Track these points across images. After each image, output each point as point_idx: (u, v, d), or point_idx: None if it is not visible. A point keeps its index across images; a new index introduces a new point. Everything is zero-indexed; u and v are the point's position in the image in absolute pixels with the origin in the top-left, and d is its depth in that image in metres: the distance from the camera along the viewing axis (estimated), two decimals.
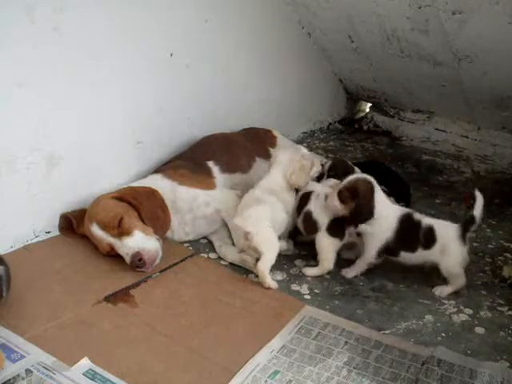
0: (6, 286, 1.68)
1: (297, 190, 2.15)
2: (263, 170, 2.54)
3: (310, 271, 2.06)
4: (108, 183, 2.27)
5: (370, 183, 1.95)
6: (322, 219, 2.04)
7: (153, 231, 2.02)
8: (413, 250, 1.94)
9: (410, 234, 1.94)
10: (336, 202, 1.95)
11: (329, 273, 2.07)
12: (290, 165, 2.10)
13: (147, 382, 1.49)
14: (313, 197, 2.09)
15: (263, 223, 1.94)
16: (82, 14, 2.06)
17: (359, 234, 2.02)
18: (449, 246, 1.92)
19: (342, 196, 1.94)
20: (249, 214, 1.95)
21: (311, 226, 2.07)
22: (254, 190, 2.10)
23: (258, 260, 1.94)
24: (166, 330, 1.69)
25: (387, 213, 1.95)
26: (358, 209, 1.92)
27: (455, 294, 1.98)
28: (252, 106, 3.09)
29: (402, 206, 2.11)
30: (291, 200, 2.13)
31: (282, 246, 2.09)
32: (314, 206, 2.07)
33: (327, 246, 2.03)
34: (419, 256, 1.95)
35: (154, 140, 2.50)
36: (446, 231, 1.93)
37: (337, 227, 2.02)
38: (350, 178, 1.98)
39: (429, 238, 1.93)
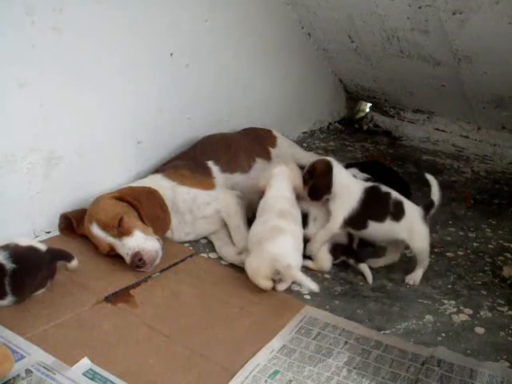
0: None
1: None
2: (263, 170, 2.55)
3: (306, 262, 2.07)
4: (108, 183, 2.27)
5: (327, 163, 2.10)
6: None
7: (153, 231, 2.02)
8: (382, 219, 2.01)
9: (379, 204, 2.04)
10: (301, 184, 2.13)
11: (329, 273, 2.07)
12: (291, 174, 2.13)
13: (147, 381, 1.49)
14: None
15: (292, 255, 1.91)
16: (81, 13, 2.06)
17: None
18: (415, 225, 2.01)
19: (304, 178, 2.14)
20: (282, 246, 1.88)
21: None
22: (266, 218, 1.99)
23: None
24: (166, 330, 1.69)
25: (350, 186, 2.07)
26: (316, 184, 2.09)
27: (455, 294, 1.98)
28: (252, 106, 3.09)
29: None
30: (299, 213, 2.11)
31: None
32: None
33: (323, 255, 2.07)
34: (388, 229, 2.02)
35: (154, 140, 2.50)
36: (412, 210, 2.03)
37: (336, 250, 2.08)
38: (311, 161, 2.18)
39: (398, 210, 2.01)
